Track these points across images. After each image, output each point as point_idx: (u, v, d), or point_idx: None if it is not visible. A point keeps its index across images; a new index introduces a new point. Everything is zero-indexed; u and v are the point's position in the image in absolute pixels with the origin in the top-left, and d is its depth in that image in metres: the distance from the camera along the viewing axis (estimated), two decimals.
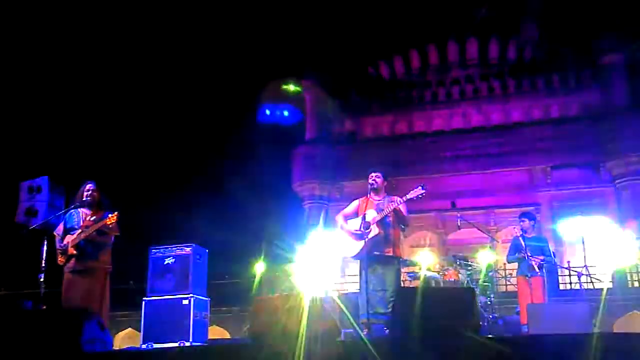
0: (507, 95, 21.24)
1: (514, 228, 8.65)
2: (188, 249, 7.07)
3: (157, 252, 7.16)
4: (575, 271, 9.83)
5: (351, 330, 6.85)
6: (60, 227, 6.44)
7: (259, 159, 22.73)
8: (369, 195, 6.36)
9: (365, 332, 5.85)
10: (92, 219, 6.28)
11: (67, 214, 6.45)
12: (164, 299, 6.90)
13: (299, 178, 21.67)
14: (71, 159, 21.18)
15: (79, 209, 6.40)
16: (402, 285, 6.93)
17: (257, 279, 13.93)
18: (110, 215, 6.09)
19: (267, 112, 21.68)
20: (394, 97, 22.37)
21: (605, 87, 20.27)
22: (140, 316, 6.95)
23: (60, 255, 6.29)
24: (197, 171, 24.28)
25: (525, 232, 8.48)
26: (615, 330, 12.31)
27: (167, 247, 7.15)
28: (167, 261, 7.05)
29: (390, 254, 6.14)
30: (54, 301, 6.61)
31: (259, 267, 13.75)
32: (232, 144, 24.86)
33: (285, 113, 21.69)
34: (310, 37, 24.89)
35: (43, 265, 6.51)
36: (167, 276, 7.00)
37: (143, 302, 6.96)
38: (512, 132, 20.37)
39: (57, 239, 6.40)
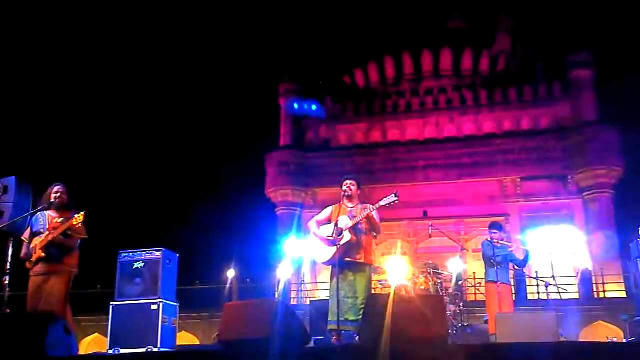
0: (479, 106, 21.55)
1: (487, 239, 8.67)
2: (158, 253, 6.96)
3: (126, 255, 7.05)
4: (543, 281, 9.97)
5: (321, 337, 6.84)
6: (27, 231, 6.29)
7: (232, 163, 22.65)
8: (341, 201, 6.37)
9: (334, 339, 5.84)
10: (58, 220, 6.14)
11: (33, 217, 6.30)
12: (132, 303, 6.79)
13: (272, 184, 21.62)
14: (39, 159, 20.81)
15: (45, 212, 6.25)
16: (372, 292, 6.94)
17: (227, 285, 13.85)
18: (76, 216, 5.97)
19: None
20: (368, 106, 22.50)
21: (574, 101, 20.72)
22: (108, 321, 6.82)
23: (26, 262, 6.16)
24: (167, 175, 24.08)
25: (496, 241, 8.53)
26: (580, 339, 12.52)
27: (136, 251, 7.04)
28: (136, 265, 6.94)
29: (362, 260, 6.15)
30: (18, 305, 6.46)
31: (230, 273, 13.66)
32: (203, 148, 24.74)
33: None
34: (288, 45, 24.98)
35: (8, 267, 6.35)
36: (135, 280, 6.89)
37: (110, 307, 6.84)
38: (483, 143, 20.67)
39: (24, 243, 6.24)
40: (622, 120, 19.66)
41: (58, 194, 6.24)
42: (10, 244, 6.40)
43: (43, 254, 5.99)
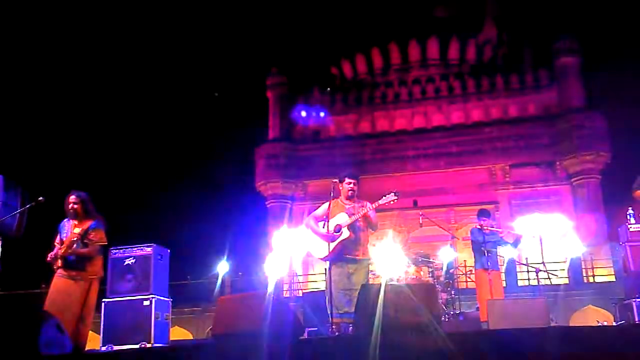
0: (467, 95, 21.60)
1: (476, 226, 8.72)
2: (149, 249, 6.96)
3: (117, 252, 7.04)
4: (533, 267, 10.04)
5: (315, 329, 6.88)
6: (57, 237, 6.32)
7: (221, 157, 22.58)
8: (339, 198, 6.39)
9: (331, 331, 5.88)
10: (76, 231, 6.16)
11: (60, 224, 6.33)
12: (124, 299, 6.79)
13: (262, 177, 21.59)
14: (28, 158, 20.64)
15: (70, 219, 6.31)
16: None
17: (219, 279, 13.84)
18: (75, 232, 6.01)
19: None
20: (357, 97, 22.49)
21: (561, 87, 20.83)
22: (100, 318, 6.81)
23: (53, 263, 6.21)
24: (158, 170, 23.97)
25: (486, 228, 8.58)
26: (571, 324, 12.64)
27: (127, 247, 7.03)
28: (127, 261, 6.94)
29: (360, 256, 6.21)
30: (9, 304, 6.43)
31: (222, 268, 13.63)
32: (194, 143, 24.64)
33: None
34: (275, 37, 24.88)
35: None
36: (127, 277, 6.89)
37: (102, 304, 6.83)
38: (471, 132, 20.74)
39: (56, 248, 6.26)
40: (608, 106, 19.80)
41: (70, 205, 6.25)
42: (0, 244, 6.37)
43: (60, 264, 6.03)
